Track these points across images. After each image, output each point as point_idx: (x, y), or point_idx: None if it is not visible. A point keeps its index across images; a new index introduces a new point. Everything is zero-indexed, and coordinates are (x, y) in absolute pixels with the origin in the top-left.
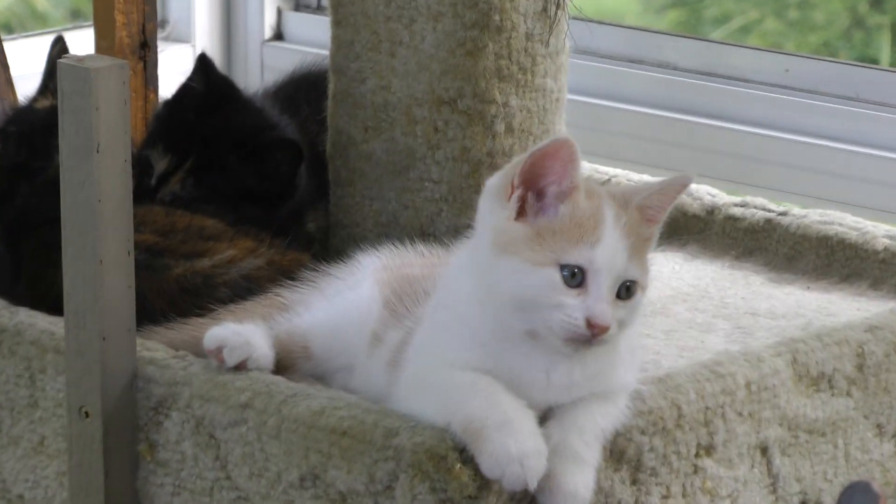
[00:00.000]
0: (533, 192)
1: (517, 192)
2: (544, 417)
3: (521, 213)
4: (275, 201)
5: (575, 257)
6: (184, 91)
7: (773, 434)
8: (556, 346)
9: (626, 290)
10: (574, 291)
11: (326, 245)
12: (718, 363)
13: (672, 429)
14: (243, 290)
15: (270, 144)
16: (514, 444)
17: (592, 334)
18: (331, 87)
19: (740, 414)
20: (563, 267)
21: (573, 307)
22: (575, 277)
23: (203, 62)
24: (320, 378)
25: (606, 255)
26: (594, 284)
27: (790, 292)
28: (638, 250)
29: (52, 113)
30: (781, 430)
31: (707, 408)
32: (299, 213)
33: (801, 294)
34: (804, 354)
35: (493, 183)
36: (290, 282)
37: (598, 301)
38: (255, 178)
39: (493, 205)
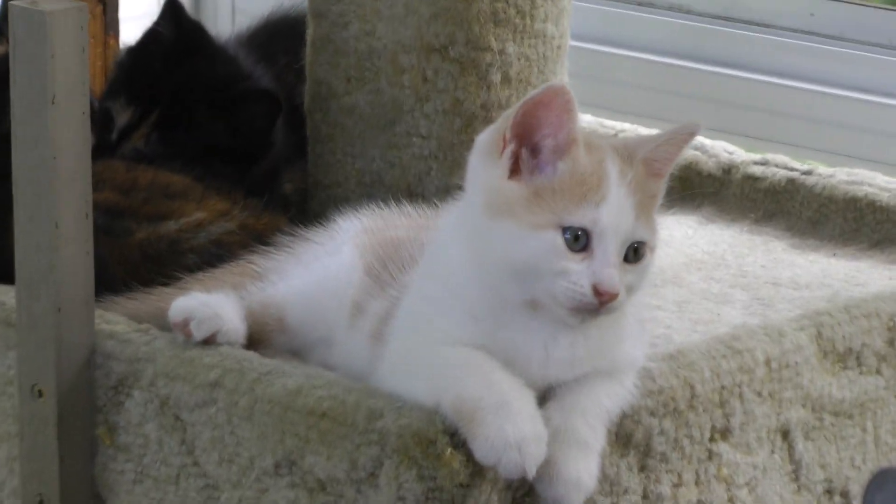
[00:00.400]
0: (527, 148)
1: (510, 148)
2: (543, 398)
3: (515, 170)
4: (248, 159)
5: (578, 218)
6: (150, 37)
7: (795, 416)
8: (560, 316)
9: (633, 253)
10: (578, 256)
11: (304, 207)
12: (735, 338)
13: (684, 410)
14: (213, 256)
15: (244, 96)
16: (511, 427)
17: (600, 302)
18: (309, 32)
19: (759, 394)
20: (565, 229)
21: (578, 273)
22: (579, 240)
23: (172, 6)
24: (297, 353)
25: (612, 214)
26: (600, 247)
27: (815, 259)
28: (645, 208)
29: (4, 61)
30: (804, 412)
31: (723, 387)
32: (275, 173)
33: (826, 262)
34: (830, 328)
35: (484, 138)
36: (264, 247)
37: (605, 265)
38: (226, 133)
39: (484, 162)
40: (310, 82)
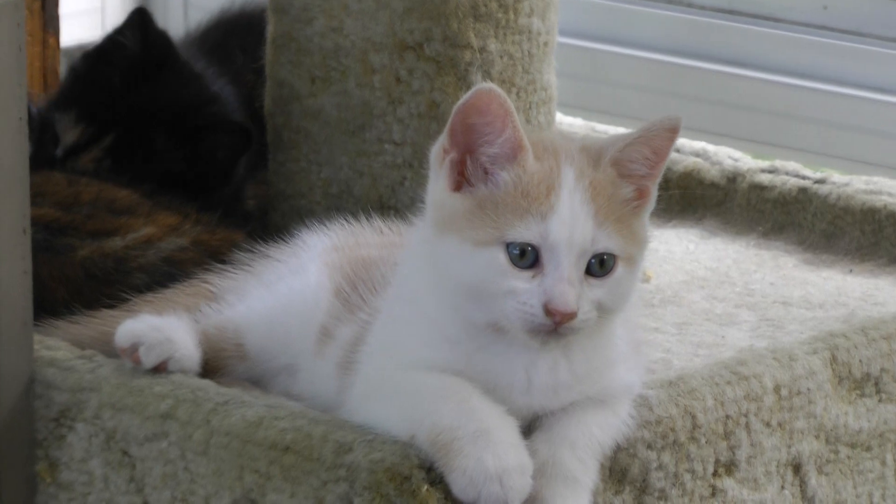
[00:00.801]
0: (472, 158)
1: (449, 157)
2: (529, 429)
3: (460, 181)
4: (207, 189)
5: (521, 233)
6: (111, 47)
7: (807, 448)
8: (521, 339)
9: (599, 265)
10: (527, 273)
11: (265, 221)
12: (742, 363)
13: (685, 442)
14: (164, 275)
15: (212, 126)
16: (491, 458)
17: (554, 322)
18: (269, 29)
19: (768, 424)
20: (509, 245)
21: (526, 292)
22: (526, 257)
23: (141, 15)
24: (257, 382)
25: (563, 226)
26: (551, 263)
27: (829, 276)
28: (614, 215)
29: None
30: (818, 444)
31: (727, 416)
32: (237, 195)
33: (842, 279)
34: (846, 352)
35: (434, 147)
36: (221, 266)
37: (557, 282)
38: (187, 163)
39: (434, 174)
40: (270, 83)
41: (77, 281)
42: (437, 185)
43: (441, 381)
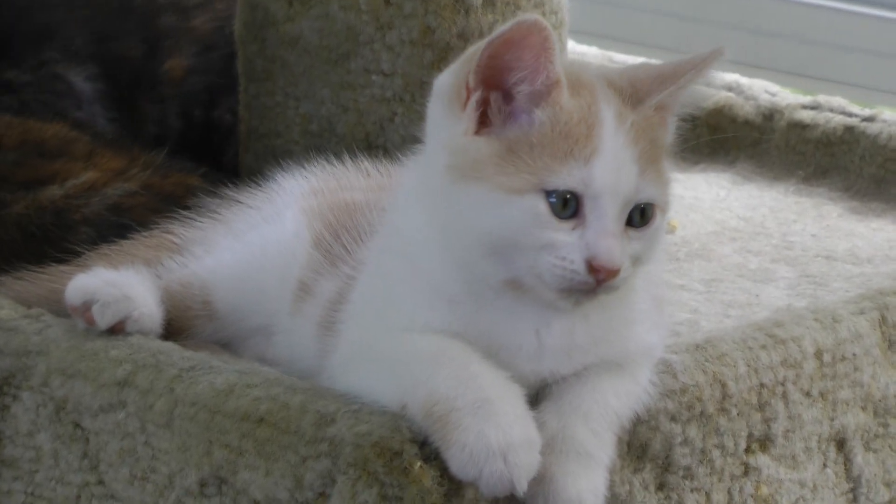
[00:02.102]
0: (498, 94)
1: (474, 97)
2: (536, 397)
3: (483, 122)
4: None
5: (564, 179)
6: None
7: (853, 421)
8: (548, 298)
9: (640, 215)
10: (568, 224)
11: (235, 162)
12: (778, 324)
13: (714, 414)
14: (113, 226)
15: None
16: (494, 431)
17: (597, 280)
18: None
19: (808, 394)
20: (549, 193)
21: (568, 246)
22: (567, 206)
23: None
24: (227, 345)
25: (608, 171)
26: (594, 213)
27: (878, 227)
28: (652, 158)
29: None
30: (865, 417)
31: (762, 385)
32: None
33: (893, 230)
34: None
35: (445, 82)
36: (184, 213)
37: (602, 235)
38: None
39: (445, 113)
40: (242, 6)
41: (12, 241)
42: (455, 128)
43: (437, 344)
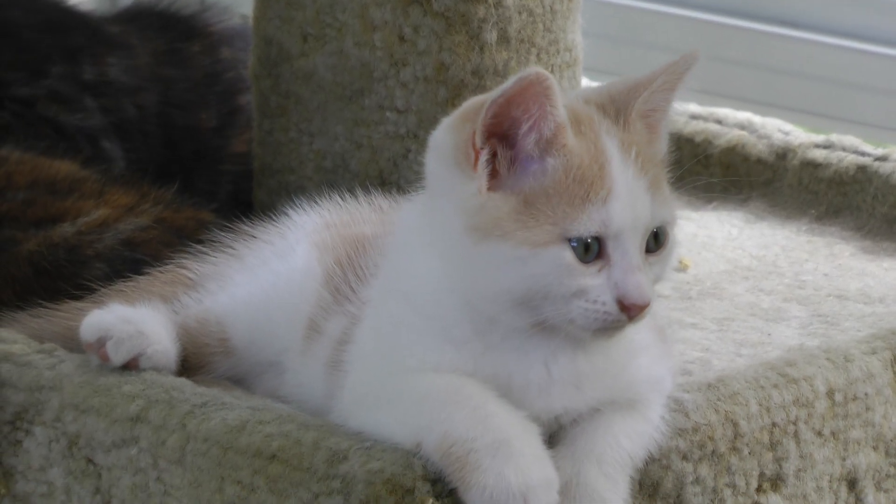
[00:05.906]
0: (503, 145)
1: (484, 155)
2: (551, 441)
3: (493, 176)
4: None
5: (585, 225)
6: None
7: (864, 461)
8: (581, 337)
9: (655, 240)
10: (593, 267)
11: (248, 198)
12: (790, 364)
13: (725, 453)
14: (127, 261)
15: None
16: (513, 473)
17: (629, 317)
18: None
19: (820, 433)
20: (572, 240)
21: (597, 289)
22: (590, 250)
23: None
24: (240, 381)
25: (625, 208)
26: (618, 251)
27: (890, 267)
28: (659, 181)
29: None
30: (876, 456)
31: (774, 424)
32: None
33: None
34: None
35: (444, 141)
36: (198, 248)
37: (629, 272)
38: None
39: (450, 171)
40: (257, 42)
41: (24, 279)
42: (466, 187)
43: (451, 384)
